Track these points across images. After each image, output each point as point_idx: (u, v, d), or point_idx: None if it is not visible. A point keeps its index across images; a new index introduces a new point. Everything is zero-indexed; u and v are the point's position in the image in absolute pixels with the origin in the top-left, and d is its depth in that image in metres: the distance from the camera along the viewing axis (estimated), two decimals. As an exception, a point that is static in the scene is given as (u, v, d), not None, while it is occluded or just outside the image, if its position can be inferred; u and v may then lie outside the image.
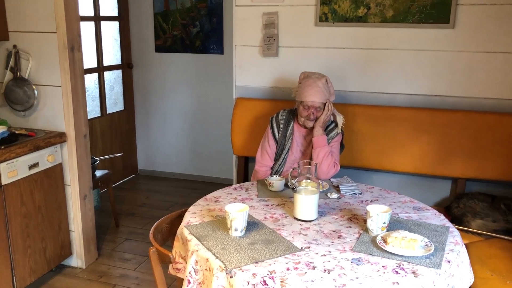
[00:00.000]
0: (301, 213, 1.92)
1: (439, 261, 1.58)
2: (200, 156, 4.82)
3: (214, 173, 4.73)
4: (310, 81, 2.47)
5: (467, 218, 2.48)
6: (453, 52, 2.75)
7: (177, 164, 4.92)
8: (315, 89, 2.42)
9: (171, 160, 4.93)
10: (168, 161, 4.94)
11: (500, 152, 2.66)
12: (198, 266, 1.67)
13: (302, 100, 2.46)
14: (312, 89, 2.43)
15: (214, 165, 4.74)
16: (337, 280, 1.46)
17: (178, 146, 4.89)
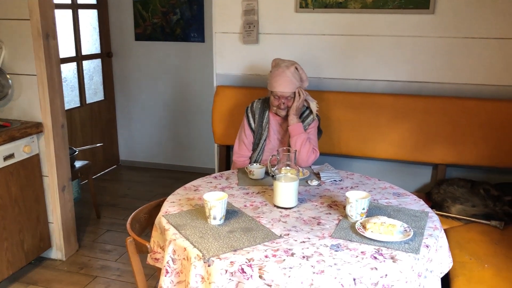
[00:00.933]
0: (281, 200, 1.90)
1: (418, 246, 1.58)
2: (182, 146, 4.78)
3: (197, 162, 4.69)
4: (279, 71, 2.43)
5: (447, 204, 2.50)
6: (433, 38, 2.75)
7: (159, 154, 4.87)
8: (284, 79, 2.39)
9: (153, 150, 4.88)
10: (150, 151, 4.89)
11: (480, 138, 2.68)
12: (176, 256, 1.64)
13: (271, 90, 2.44)
14: (281, 79, 2.40)
15: (197, 154, 4.70)
16: (316, 267, 1.45)
17: (159, 136, 4.84)
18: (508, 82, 2.69)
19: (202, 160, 4.61)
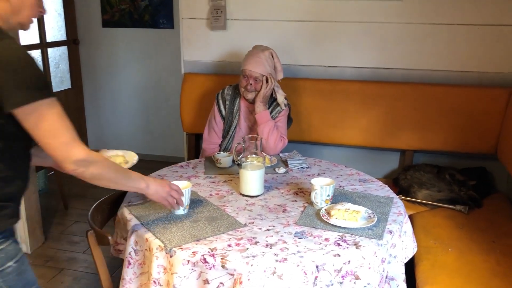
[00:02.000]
0: (247, 188, 1.88)
1: (381, 232, 1.58)
2: (153, 135, 4.70)
3: (169, 151, 4.63)
4: (253, 51, 2.42)
5: (414, 189, 2.52)
6: (401, 24, 2.75)
7: (130, 144, 4.78)
8: (256, 59, 2.37)
9: (123, 139, 4.79)
10: (120, 141, 4.80)
11: (446, 124, 2.71)
12: (138, 247, 1.61)
13: (242, 69, 2.41)
14: (253, 58, 2.38)
15: (168, 143, 4.64)
16: (279, 255, 1.44)
17: (130, 125, 4.75)
18: (473, 68, 2.72)
19: (174, 149, 4.55)
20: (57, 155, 1.27)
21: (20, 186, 1.35)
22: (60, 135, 1.26)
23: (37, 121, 1.22)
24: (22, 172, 1.36)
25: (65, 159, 1.27)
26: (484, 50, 2.67)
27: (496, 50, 2.66)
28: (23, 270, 1.34)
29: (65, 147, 1.27)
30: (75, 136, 1.30)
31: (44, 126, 1.23)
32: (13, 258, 1.32)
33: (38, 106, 1.21)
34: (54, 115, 1.25)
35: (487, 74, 2.71)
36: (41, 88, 1.22)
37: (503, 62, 2.67)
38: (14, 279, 1.31)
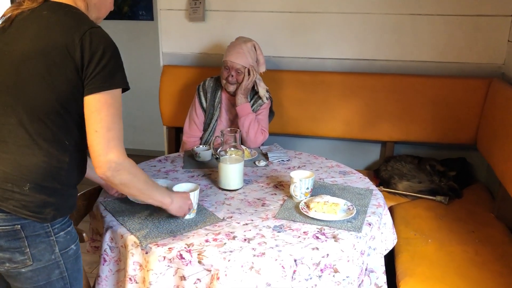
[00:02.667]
0: (225, 182, 1.86)
1: (360, 224, 1.57)
2: (134, 129, 4.63)
3: (150, 145, 4.57)
4: (235, 43, 2.38)
5: (394, 180, 2.52)
6: (381, 15, 2.74)
7: (110, 138, 4.70)
8: (238, 50, 2.34)
9: (104, 133, 4.70)
10: (100, 135, 4.71)
11: (426, 115, 2.71)
12: (113, 244, 1.58)
13: (223, 60, 2.37)
14: (235, 50, 2.34)
15: (149, 137, 4.58)
16: (257, 249, 1.42)
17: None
18: (452, 59, 2.72)
19: (154, 143, 4.49)
20: (98, 147, 1.25)
21: (80, 176, 1.41)
22: (112, 128, 1.26)
23: (101, 107, 1.24)
24: (84, 163, 1.41)
25: (101, 155, 1.25)
26: (463, 40, 2.68)
27: (475, 41, 2.66)
28: (79, 255, 1.42)
29: (109, 143, 1.25)
30: (121, 138, 1.30)
31: (105, 114, 1.25)
32: (74, 241, 1.39)
33: (111, 94, 1.26)
34: (117, 109, 1.28)
35: (466, 64, 2.71)
36: (121, 79, 1.28)
37: (482, 52, 2.67)
38: (72, 262, 1.38)
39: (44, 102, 1.25)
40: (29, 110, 1.26)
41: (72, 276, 1.40)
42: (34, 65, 1.24)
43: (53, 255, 1.33)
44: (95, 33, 1.26)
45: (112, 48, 1.27)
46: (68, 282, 1.39)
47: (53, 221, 1.31)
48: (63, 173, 1.31)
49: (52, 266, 1.34)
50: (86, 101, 1.25)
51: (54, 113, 1.26)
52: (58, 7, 1.30)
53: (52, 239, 1.32)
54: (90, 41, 1.24)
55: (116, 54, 1.28)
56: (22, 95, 1.26)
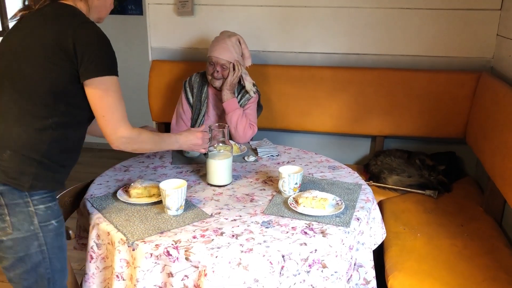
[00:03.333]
0: (214, 178, 1.84)
1: (349, 219, 1.57)
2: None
3: (140, 141, 4.53)
4: (219, 38, 2.36)
5: (384, 175, 2.53)
6: (370, 9, 2.73)
7: (100, 134, 4.67)
8: (222, 45, 2.32)
9: (93, 129, 4.67)
10: (90, 131, 4.68)
11: (415, 109, 2.71)
12: (100, 241, 1.56)
13: (208, 56, 2.35)
14: (219, 45, 2.32)
15: (139, 133, 4.54)
16: (244, 245, 1.41)
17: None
18: (441, 53, 2.72)
19: (145, 139, 4.46)
20: (108, 128, 1.48)
21: (73, 159, 1.57)
22: (116, 111, 1.48)
23: (103, 94, 1.44)
24: (78, 146, 1.56)
25: (112, 134, 1.49)
26: (452, 34, 2.68)
27: (464, 35, 2.66)
28: (61, 232, 1.50)
29: (116, 124, 1.48)
30: (125, 115, 1.52)
31: (107, 100, 1.45)
32: (56, 218, 1.48)
33: (107, 80, 1.44)
34: (116, 92, 1.48)
35: (455, 58, 2.71)
36: (113, 66, 1.46)
37: (471, 46, 2.68)
38: (52, 237, 1.46)
39: (35, 86, 1.41)
40: (21, 90, 1.41)
41: (52, 252, 1.47)
42: (31, 53, 1.41)
43: (32, 226, 1.42)
44: (87, 26, 1.42)
45: (103, 39, 1.44)
46: (47, 257, 1.46)
47: (31, 191, 1.41)
48: (44, 146, 1.43)
49: (31, 237, 1.43)
50: (88, 90, 1.44)
51: (43, 96, 1.41)
52: (58, 6, 1.47)
53: (31, 210, 1.42)
54: (83, 34, 1.40)
55: (107, 44, 1.44)
56: (17, 78, 1.42)
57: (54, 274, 1.49)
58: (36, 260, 1.45)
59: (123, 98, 1.51)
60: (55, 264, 1.49)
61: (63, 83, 1.42)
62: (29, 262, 1.44)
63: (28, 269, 1.45)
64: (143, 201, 1.68)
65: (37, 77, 1.40)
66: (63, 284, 1.55)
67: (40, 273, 1.47)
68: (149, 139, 1.64)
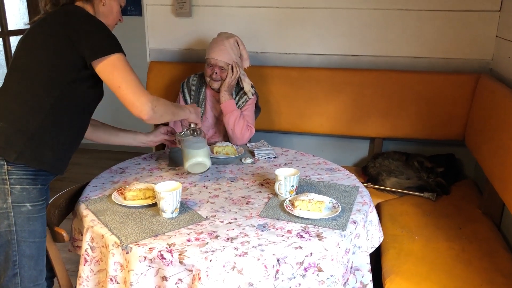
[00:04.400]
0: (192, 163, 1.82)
1: (345, 222, 1.56)
2: (122, 126, 4.56)
3: (139, 142, 4.52)
4: (218, 39, 2.35)
5: (382, 177, 2.51)
6: (368, 10, 2.72)
7: (99, 135, 4.65)
8: (220, 47, 2.31)
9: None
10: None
11: (413, 111, 2.70)
12: (94, 243, 1.55)
13: (206, 57, 2.34)
14: (217, 47, 2.31)
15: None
16: (239, 249, 1.40)
17: (98, 115, 4.60)
18: (440, 54, 2.71)
19: (144, 140, 4.45)
20: (129, 97, 1.54)
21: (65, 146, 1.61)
22: (131, 80, 1.55)
23: (113, 69, 1.53)
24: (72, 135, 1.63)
25: (136, 100, 1.55)
26: (451, 36, 2.66)
27: (463, 36, 2.65)
28: (34, 218, 1.53)
29: (135, 89, 1.55)
30: (141, 84, 1.58)
31: (119, 74, 1.53)
32: (31, 202, 1.51)
33: (114, 57, 1.53)
34: (126, 66, 1.55)
35: (454, 60, 2.70)
36: (116, 45, 1.55)
37: (470, 48, 2.66)
38: (22, 220, 1.50)
39: (37, 69, 1.52)
40: (24, 70, 1.53)
41: (20, 235, 1.50)
42: (37, 40, 1.54)
43: (5, 204, 1.47)
44: (85, 15, 1.56)
45: (99, 23, 1.56)
46: (15, 239, 1.50)
47: (15, 163, 1.47)
48: (36, 124, 1.50)
49: (3, 215, 1.48)
50: (98, 72, 1.53)
51: (43, 78, 1.51)
52: (67, 7, 1.60)
53: (7, 188, 1.47)
54: (80, 21, 1.52)
55: (103, 27, 1.55)
56: (23, 62, 1.54)
57: (21, 258, 1.52)
58: (4, 239, 1.49)
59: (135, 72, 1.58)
60: (23, 248, 1.51)
61: (62, 69, 1.51)
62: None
63: None
64: (138, 203, 1.67)
65: (39, 61, 1.52)
66: (31, 274, 1.55)
67: (7, 253, 1.50)
68: (168, 102, 1.73)
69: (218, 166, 2.07)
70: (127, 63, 1.57)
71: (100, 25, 1.56)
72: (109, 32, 1.57)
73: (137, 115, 1.58)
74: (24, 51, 1.56)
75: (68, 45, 1.50)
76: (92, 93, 1.65)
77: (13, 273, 1.52)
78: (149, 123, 1.64)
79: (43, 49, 1.53)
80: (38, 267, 1.57)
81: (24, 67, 1.54)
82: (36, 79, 1.52)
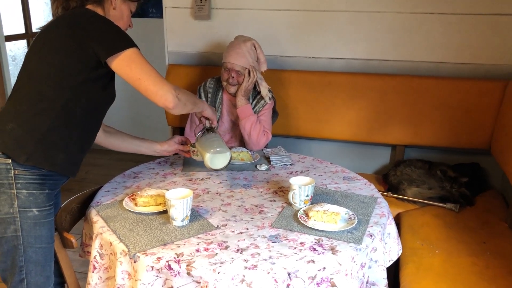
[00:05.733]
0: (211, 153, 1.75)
1: (361, 236, 1.49)
2: (143, 128, 4.60)
3: (158, 144, 4.53)
4: (234, 43, 2.31)
5: (403, 186, 2.43)
6: (392, 14, 2.64)
7: (119, 136, 4.68)
8: (237, 51, 2.27)
9: (112, 131, 4.68)
10: (109, 133, 4.69)
11: (437, 118, 2.60)
12: (103, 250, 1.52)
13: (223, 62, 2.30)
14: (234, 50, 2.27)
15: (158, 136, 4.50)
16: (249, 261, 1.35)
17: (119, 117, 4.65)
18: (466, 60, 2.60)
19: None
20: (151, 89, 1.53)
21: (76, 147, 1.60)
22: (150, 71, 1.53)
23: (130, 63, 1.51)
24: (82, 136, 1.62)
25: (159, 90, 1.53)
26: (479, 40, 2.56)
27: (491, 41, 2.54)
28: (41, 223, 1.51)
29: (155, 81, 1.53)
30: (160, 74, 1.56)
31: (137, 67, 1.52)
32: (38, 207, 1.49)
33: (130, 52, 1.51)
34: (142, 59, 1.54)
35: (481, 66, 2.59)
36: (129, 40, 1.53)
37: (498, 53, 2.56)
38: (29, 225, 1.48)
39: (47, 70, 1.50)
40: (34, 71, 1.52)
41: (27, 240, 1.48)
42: (47, 41, 1.53)
43: (11, 209, 1.46)
44: (94, 15, 1.55)
45: (111, 22, 1.54)
46: (21, 244, 1.48)
47: (25, 164, 1.46)
48: (46, 126, 1.49)
49: (9, 220, 1.46)
50: (114, 68, 1.52)
51: (53, 79, 1.50)
52: (78, 9, 1.59)
53: (13, 193, 1.46)
54: (92, 21, 1.51)
55: (116, 25, 1.54)
56: (33, 64, 1.53)
57: (27, 264, 1.50)
58: (11, 244, 1.47)
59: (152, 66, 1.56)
60: (29, 254, 1.50)
61: (73, 70, 1.50)
62: (5, 245, 1.48)
63: (5, 252, 1.49)
64: (149, 210, 1.64)
65: (49, 63, 1.50)
66: (37, 280, 1.54)
67: (13, 259, 1.49)
68: (188, 92, 1.71)
69: (232, 172, 2.03)
70: (143, 56, 1.55)
71: (110, 23, 1.54)
72: (120, 29, 1.56)
73: (162, 104, 1.55)
74: (34, 54, 1.56)
75: (79, 46, 1.49)
76: (103, 94, 1.63)
77: (19, 279, 1.51)
78: (174, 112, 1.61)
79: (53, 51, 1.52)
80: (45, 273, 1.55)
81: (34, 69, 1.53)
82: (47, 81, 1.51)
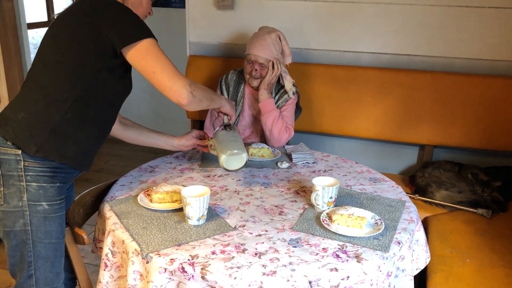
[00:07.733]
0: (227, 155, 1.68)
1: (388, 243, 1.39)
2: (163, 119, 4.56)
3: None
4: (258, 34, 2.22)
5: (431, 189, 2.31)
6: (424, 6, 2.51)
7: (139, 127, 4.65)
8: (261, 42, 2.17)
9: (133, 122, 4.66)
10: (129, 124, 4.67)
11: (470, 117, 2.47)
12: (115, 248, 1.46)
13: (246, 54, 2.21)
14: (257, 42, 2.18)
15: (178, 128, 4.48)
16: (267, 267, 1.26)
17: (139, 108, 4.62)
18: (503, 57, 2.46)
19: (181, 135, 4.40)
20: (165, 83, 1.46)
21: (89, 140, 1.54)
22: (165, 64, 1.47)
23: (146, 54, 1.45)
24: (95, 129, 1.55)
25: (174, 84, 1.46)
26: (518, 36, 2.41)
27: (531, 37, 2.40)
28: (51, 218, 1.46)
29: (170, 74, 1.46)
30: (176, 68, 1.50)
31: (152, 59, 1.45)
32: (48, 201, 1.45)
33: (146, 42, 1.45)
34: (159, 50, 1.48)
35: (519, 63, 2.45)
36: (146, 30, 1.46)
37: (538, 50, 2.40)
38: (38, 219, 1.44)
39: (62, 60, 1.45)
40: (49, 62, 1.46)
41: (35, 235, 1.44)
42: (62, 31, 1.47)
43: (21, 202, 1.42)
44: (112, 2, 1.46)
45: (130, 10, 1.48)
46: (30, 239, 1.44)
47: (35, 156, 1.41)
48: (58, 117, 1.43)
49: (18, 213, 1.42)
50: (129, 59, 1.45)
51: (68, 70, 1.44)
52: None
53: (23, 185, 1.41)
54: (110, 8, 1.44)
55: (130, 12, 1.47)
56: (48, 52, 1.48)
57: (36, 259, 1.46)
58: (19, 239, 1.44)
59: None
60: (38, 249, 1.45)
61: (88, 59, 1.43)
62: (14, 239, 1.44)
63: (13, 246, 1.45)
64: (164, 207, 1.57)
65: (64, 51, 1.45)
66: (47, 276, 1.49)
67: (22, 253, 1.45)
68: (205, 87, 1.66)
69: (252, 169, 1.94)
70: (159, 48, 1.48)
71: (128, 11, 1.47)
72: (138, 18, 1.48)
73: (176, 100, 1.48)
74: (49, 42, 1.49)
75: (95, 34, 1.42)
76: (119, 85, 1.56)
77: (28, 274, 1.47)
78: (188, 109, 1.54)
79: (69, 39, 1.45)
80: (54, 269, 1.50)
81: (49, 57, 1.47)
82: (61, 69, 1.45)
